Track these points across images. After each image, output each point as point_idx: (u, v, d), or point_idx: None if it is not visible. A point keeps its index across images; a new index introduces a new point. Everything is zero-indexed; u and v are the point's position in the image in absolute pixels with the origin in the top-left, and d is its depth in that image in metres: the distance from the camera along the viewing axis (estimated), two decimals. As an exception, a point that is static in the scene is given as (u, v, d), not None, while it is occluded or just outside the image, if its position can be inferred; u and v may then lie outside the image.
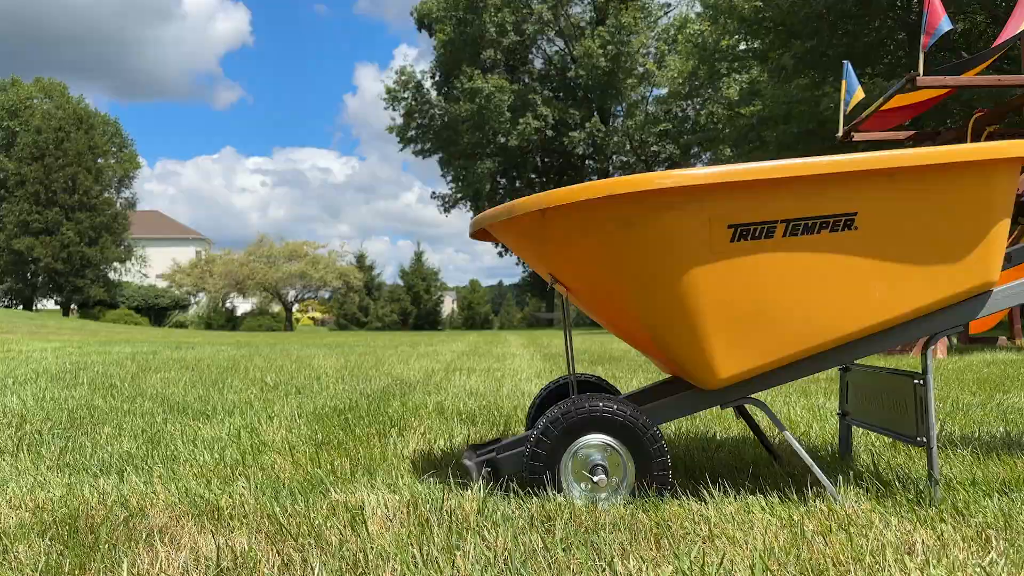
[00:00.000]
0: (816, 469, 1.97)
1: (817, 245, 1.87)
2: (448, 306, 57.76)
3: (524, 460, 1.96)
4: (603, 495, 1.92)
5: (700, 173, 1.81)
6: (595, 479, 1.90)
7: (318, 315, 63.14)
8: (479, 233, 2.21)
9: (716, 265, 1.87)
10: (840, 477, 2.12)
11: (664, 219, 1.84)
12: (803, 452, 2.00)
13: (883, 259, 1.90)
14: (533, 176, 43.60)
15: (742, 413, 2.48)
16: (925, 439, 1.95)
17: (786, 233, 1.86)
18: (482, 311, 52.57)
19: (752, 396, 2.07)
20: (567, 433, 1.93)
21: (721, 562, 1.47)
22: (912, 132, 8.78)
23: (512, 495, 1.98)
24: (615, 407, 1.94)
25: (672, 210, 1.83)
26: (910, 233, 1.89)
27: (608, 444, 1.93)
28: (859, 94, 7.71)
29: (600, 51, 36.07)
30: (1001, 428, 3.03)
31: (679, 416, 2.12)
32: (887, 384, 2.18)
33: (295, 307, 43.76)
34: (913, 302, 1.93)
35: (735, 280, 1.88)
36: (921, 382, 1.97)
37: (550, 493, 1.93)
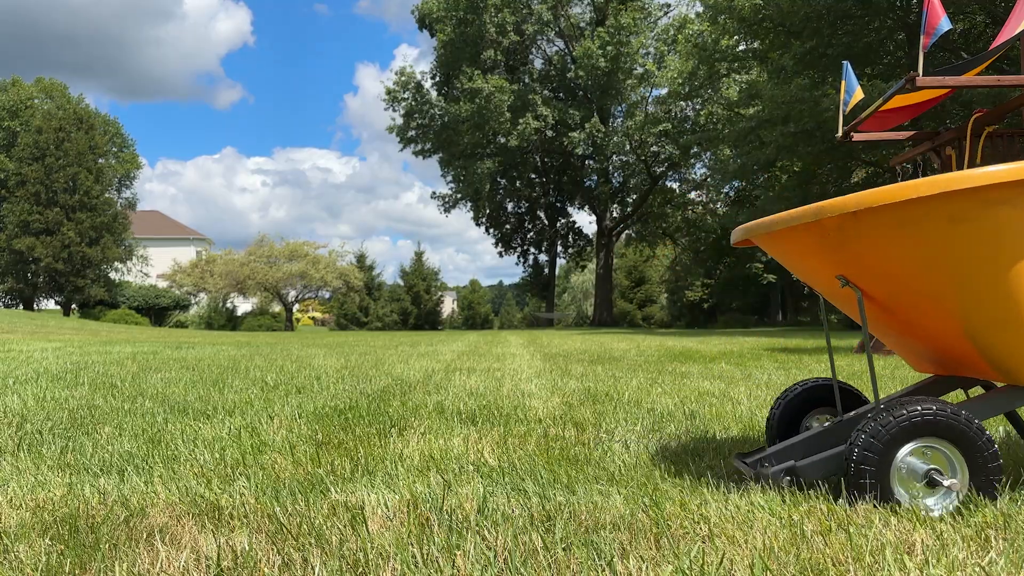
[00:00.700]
0: None
1: None
2: (448, 306, 57.71)
3: (848, 470, 1.88)
4: (935, 500, 1.85)
5: None
6: (945, 483, 1.82)
7: (318, 315, 63.15)
8: (745, 240, 2.19)
9: None
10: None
11: (997, 214, 1.79)
12: None
13: None
14: (533, 176, 43.61)
15: (1008, 414, 2.35)
16: None
17: None
18: (482, 311, 52.45)
19: None
20: (895, 440, 1.85)
21: (721, 562, 1.47)
22: (912, 132, 8.78)
23: (512, 495, 1.98)
24: (943, 409, 1.87)
25: (1006, 204, 1.78)
26: None
27: (938, 448, 1.87)
28: (858, 94, 7.70)
29: (600, 51, 36.04)
30: (1001, 428, 3.03)
31: (994, 414, 2.08)
32: None
33: (295, 307, 43.74)
34: None
35: None
36: None
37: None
